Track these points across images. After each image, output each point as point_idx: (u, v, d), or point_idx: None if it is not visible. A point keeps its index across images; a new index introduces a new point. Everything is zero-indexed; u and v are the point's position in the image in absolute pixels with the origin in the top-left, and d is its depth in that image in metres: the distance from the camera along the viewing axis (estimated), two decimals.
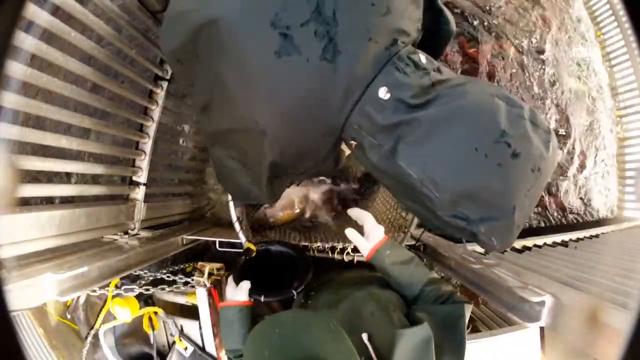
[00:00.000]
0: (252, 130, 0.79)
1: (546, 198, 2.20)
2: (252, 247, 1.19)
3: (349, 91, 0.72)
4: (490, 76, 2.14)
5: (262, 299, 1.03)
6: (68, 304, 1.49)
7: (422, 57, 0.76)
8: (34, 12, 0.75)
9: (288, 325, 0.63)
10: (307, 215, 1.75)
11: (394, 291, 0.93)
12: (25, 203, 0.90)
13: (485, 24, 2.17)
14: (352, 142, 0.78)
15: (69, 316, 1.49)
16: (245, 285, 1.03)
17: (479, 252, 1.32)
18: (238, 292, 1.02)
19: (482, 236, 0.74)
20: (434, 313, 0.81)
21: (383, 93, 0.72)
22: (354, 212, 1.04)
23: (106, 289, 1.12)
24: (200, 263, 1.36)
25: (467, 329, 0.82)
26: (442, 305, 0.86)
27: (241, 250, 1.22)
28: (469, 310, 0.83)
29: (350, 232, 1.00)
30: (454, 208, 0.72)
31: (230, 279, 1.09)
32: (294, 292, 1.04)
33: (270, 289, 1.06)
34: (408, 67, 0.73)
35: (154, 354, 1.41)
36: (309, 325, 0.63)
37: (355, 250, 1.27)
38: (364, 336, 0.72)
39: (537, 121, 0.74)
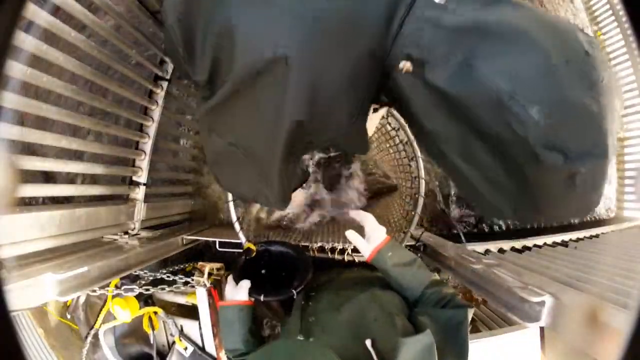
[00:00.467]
0: (270, 70, 0.62)
1: None
2: (252, 247, 1.19)
3: None
4: None
5: (262, 298, 1.02)
6: (68, 304, 1.49)
7: None
8: (34, 12, 0.75)
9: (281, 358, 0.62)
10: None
11: (395, 292, 0.93)
12: (25, 203, 0.90)
13: None
14: (406, 62, 0.65)
15: (69, 316, 1.49)
16: (245, 284, 1.02)
17: (479, 252, 1.32)
18: (238, 292, 1.02)
19: (580, 179, 0.61)
20: (436, 317, 0.80)
21: None
22: (355, 213, 1.04)
23: (106, 289, 1.12)
24: (200, 263, 1.35)
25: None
26: (444, 310, 0.85)
27: (241, 250, 1.22)
28: (470, 313, 0.82)
29: (350, 234, 0.99)
30: (550, 134, 0.59)
31: (230, 278, 1.09)
32: (294, 292, 1.03)
33: (270, 289, 1.06)
34: None
35: (154, 354, 1.41)
36: (305, 356, 0.62)
37: (356, 250, 1.27)
38: (368, 342, 0.71)
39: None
